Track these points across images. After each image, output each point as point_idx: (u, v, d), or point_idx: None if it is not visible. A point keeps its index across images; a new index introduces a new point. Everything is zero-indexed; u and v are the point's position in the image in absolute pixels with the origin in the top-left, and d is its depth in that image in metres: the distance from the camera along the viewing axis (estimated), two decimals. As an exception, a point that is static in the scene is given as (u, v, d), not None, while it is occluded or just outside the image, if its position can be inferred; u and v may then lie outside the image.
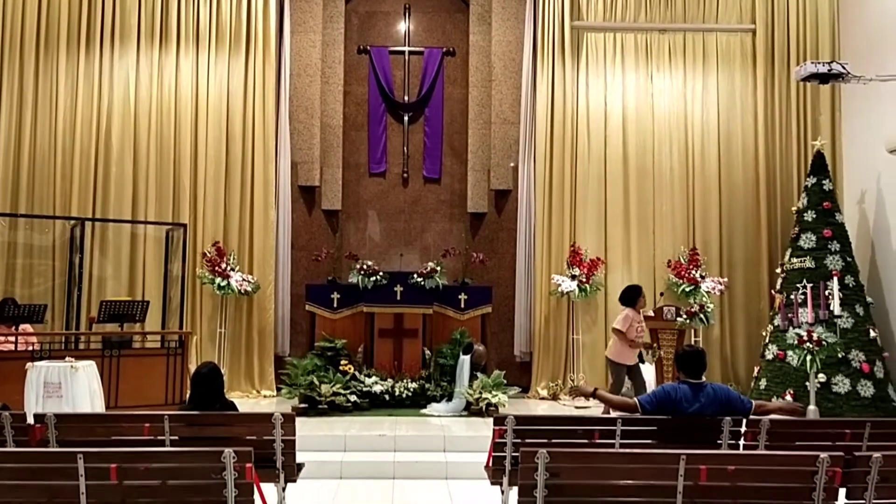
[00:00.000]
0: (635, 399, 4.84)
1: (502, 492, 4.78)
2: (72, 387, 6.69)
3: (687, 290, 9.49)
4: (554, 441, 4.57)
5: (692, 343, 8.77)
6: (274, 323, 9.93)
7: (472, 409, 8.31)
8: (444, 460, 6.81)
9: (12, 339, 8.00)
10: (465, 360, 8.52)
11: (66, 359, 7.06)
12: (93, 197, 9.76)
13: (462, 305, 9.37)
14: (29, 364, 6.96)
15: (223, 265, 9.46)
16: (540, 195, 10.06)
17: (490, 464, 4.91)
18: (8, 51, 9.76)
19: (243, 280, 9.52)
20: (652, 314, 8.73)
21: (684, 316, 8.72)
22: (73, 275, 9.27)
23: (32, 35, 9.77)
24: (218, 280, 9.38)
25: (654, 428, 4.81)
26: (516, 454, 4.59)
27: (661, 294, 9.60)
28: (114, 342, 8.29)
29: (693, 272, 9.61)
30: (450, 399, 8.54)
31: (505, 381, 8.59)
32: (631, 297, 8.25)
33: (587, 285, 9.51)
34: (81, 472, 3.52)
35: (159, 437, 4.64)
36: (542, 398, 9.67)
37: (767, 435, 4.69)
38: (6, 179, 9.67)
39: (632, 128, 10.21)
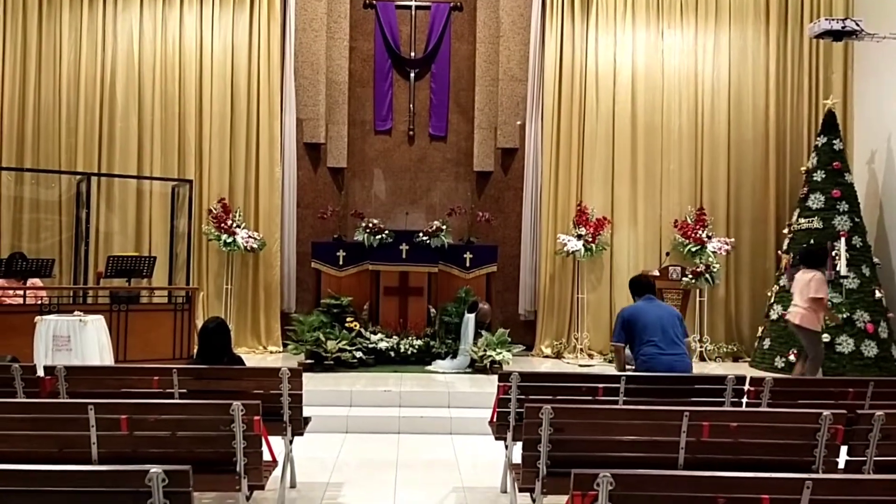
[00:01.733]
0: (611, 344, 5.86)
1: (506, 446, 4.85)
2: (81, 340, 6.75)
3: (693, 249, 9.48)
4: (558, 398, 4.60)
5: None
6: (280, 280, 9.98)
7: (476, 367, 8.38)
8: (448, 416, 6.90)
9: (21, 293, 8.06)
10: (469, 318, 8.56)
11: (75, 313, 7.12)
12: (98, 152, 9.75)
13: (467, 264, 9.37)
14: (38, 318, 7.01)
15: (229, 222, 9.46)
16: (547, 154, 9.99)
17: (494, 419, 4.96)
18: (10, 6, 9.64)
19: (249, 237, 9.53)
20: (657, 273, 8.73)
21: (690, 276, 8.73)
22: (79, 230, 9.30)
23: (34, -13, 9.66)
24: (224, 237, 9.39)
25: (658, 386, 4.87)
26: (520, 410, 4.67)
27: (667, 254, 9.60)
28: (121, 297, 8.35)
29: (699, 232, 9.58)
30: (454, 356, 8.61)
31: (509, 340, 8.65)
32: (820, 258, 7.49)
33: (593, 245, 9.50)
34: (92, 423, 3.57)
35: (168, 390, 4.69)
36: (546, 356, 9.74)
37: (770, 393, 4.73)
38: (11, 134, 9.65)
39: (641, 85, 10.09)
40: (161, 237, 9.79)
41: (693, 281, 8.69)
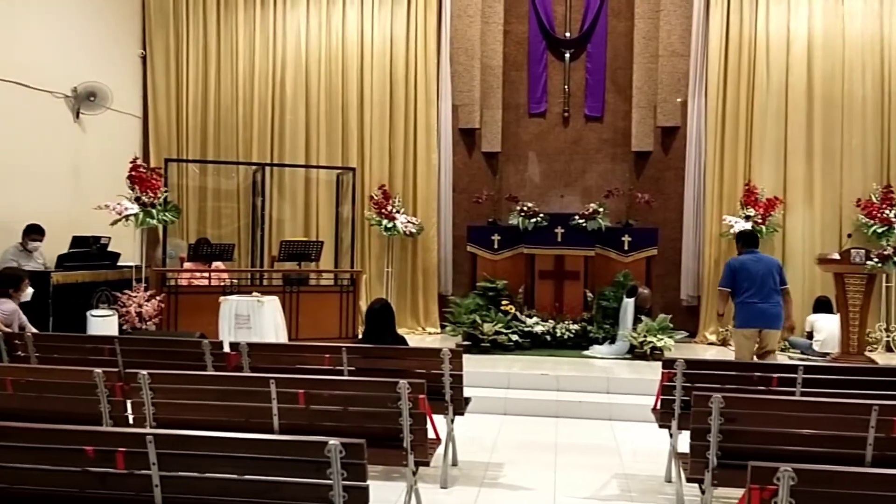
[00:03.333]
0: (718, 288, 6.78)
1: (671, 435, 4.70)
2: (259, 319, 7.28)
3: (879, 231, 8.68)
4: (727, 387, 4.39)
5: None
6: (437, 263, 10.21)
7: (635, 353, 8.17)
8: (607, 401, 6.80)
9: (206, 275, 8.80)
10: (628, 302, 8.34)
11: (253, 294, 7.68)
12: (270, 143, 10.40)
13: (626, 247, 9.13)
14: (222, 298, 7.63)
15: (389, 207, 9.78)
16: (711, 131, 9.50)
17: (658, 406, 4.83)
18: (192, 9, 10.47)
19: (408, 222, 9.81)
20: (837, 257, 8.07)
21: (875, 259, 7.99)
22: (255, 216, 9.98)
23: (213, -8, 10.43)
24: (384, 222, 9.71)
25: (838, 377, 4.53)
26: (686, 398, 4.52)
27: (849, 235, 8.85)
28: (293, 279, 8.91)
29: (886, 212, 8.75)
30: (612, 342, 8.44)
31: (671, 326, 8.35)
32: None
33: (763, 226, 8.92)
34: (273, 396, 3.83)
35: (338, 368, 4.94)
36: (711, 343, 9.31)
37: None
38: (195, 130, 10.50)
39: (818, 54, 9.32)
40: (327, 222, 10.32)
41: (879, 265, 7.93)
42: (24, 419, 3.68)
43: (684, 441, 4.01)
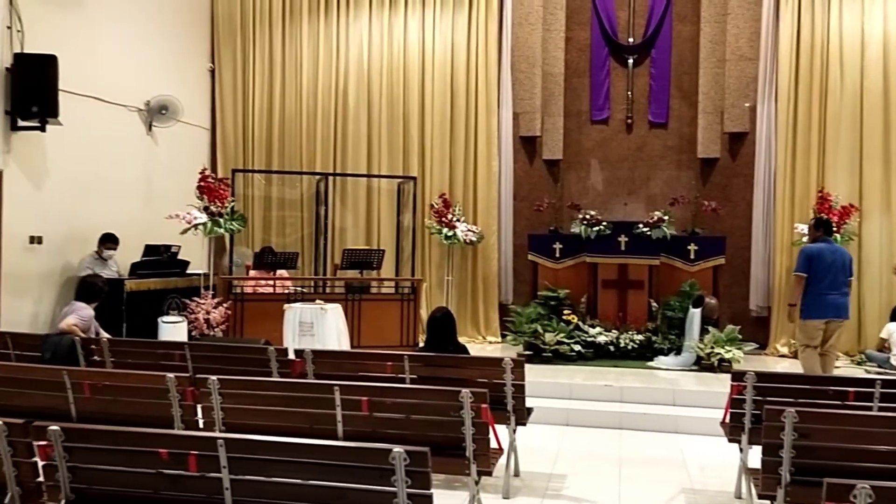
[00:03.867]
0: (794, 275, 6.73)
1: (741, 449, 4.57)
2: (322, 326, 7.39)
3: (961, 239, 8.27)
4: (800, 401, 4.24)
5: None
6: (497, 271, 10.17)
7: (702, 364, 7.96)
8: (673, 414, 6.65)
9: (271, 283, 8.98)
10: (695, 313, 8.15)
11: (316, 301, 7.80)
12: (333, 153, 10.55)
13: (692, 256, 8.93)
14: (286, 305, 7.78)
15: (449, 216, 9.79)
16: (782, 136, 9.21)
17: (727, 420, 4.70)
18: (259, 23, 10.74)
19: (468, 230, 9.80)
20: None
21: (958, 269, 7.63)
22: (318, 225, 10.14)
23: (279, 6, 10.66)
24: (445, 230, 9.73)
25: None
26: (757, 412, 4.39)
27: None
28: (355, 287, 9.02)
29: (970, 219, 8.33)
30: (678, 353, 8.25)
31: (739, 337, 8.11)
32: None
33: (837, 234, 8.59)
34: (337, 403, 3.88)
35: (400, 375, 4.97)
36: (782, 356, 9.00)
37: None
38: (261, 141, 10.75)
39: (895, 56, 8.95)
40: (388, 231, 10.40)
41: (962, 275, 7.58)
42: (101, 422, 3.82)
43: (755, 456, 3.89)
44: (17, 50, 7.34)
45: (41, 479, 2.94)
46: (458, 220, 9.81)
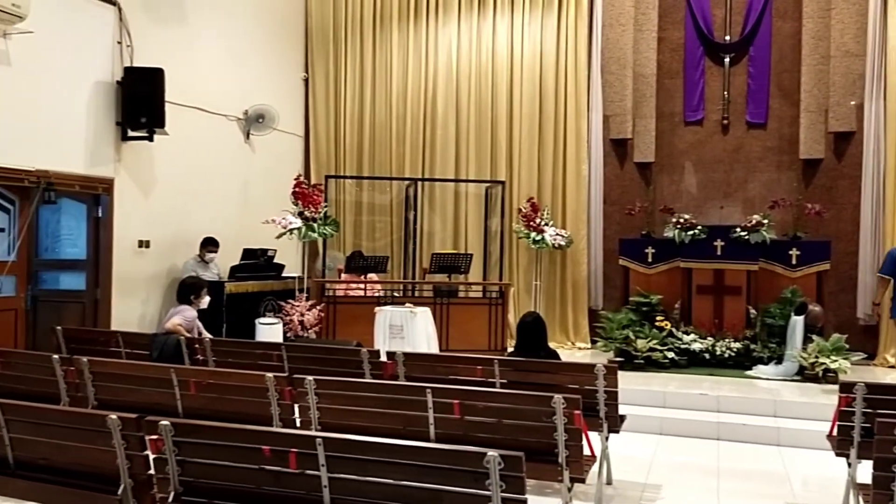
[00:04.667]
0: (878, 275, 7.46)
1: (849, 464, 4.33)
2: (412, 329, 7.48)
3: None
4: (916, 414, 3.99)
5: None
6: (587, 276, 10.04)
7: (805, 374, 7.60)
8: (774, 425, 6.37)
9: (361, 286, 9.15)
10: (797, 320, 7.78)
11: (406, 305, 7.89)
12: (422, 158, 10.68)
13: (793, 262, 8.55)
14: (377, 308, 7.91)
15: (537, 220, 9.72)
16: (892, 136, 8.71)
17: (834, 433, 4.46)
18: (350, 32, 10.99)
19: (557, 234, 9.70)
20: None
21: None
22: (407, 230, 10.27)
23: (370, 14, 10.88)
24: (533, 234, 9.65)
25: None
26: (867, 425, 4.18)
27: None
28: (443, 291, 9.08)
29: None
30: (779, 362, 7.90)
31: (846, 346, 7.69)
32: None
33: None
34: (430, 405, 3.91)
35: (490, 380, 4.97)
36: (892, 367, 8.50)
37: None
38: (352, 147, 10.99)
39: None
40: (476, 235, 10.43)
41: None
42: (205, 418, 3.98)
43: (864, 471, 3.69)
44: (126, 64, 7.77)
45: (152, 471, 3.09)
46: (546, 225, 9.72)
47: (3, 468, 3.40)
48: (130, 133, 7.81)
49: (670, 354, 8.18)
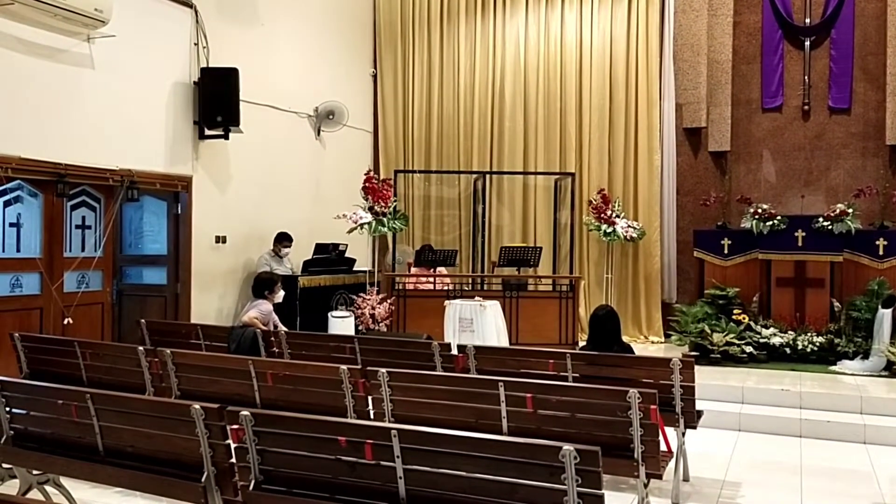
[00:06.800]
0: None
1: (944, 465, 4.11)
2: (482, 322, 7.47)
3: None
4: None
5: None
6: (660, 269, 9.84)
7: (893, 370, 7.26)
8: (861, 422, 6.12)
9: (431, 280, 9.19)
10: (885, 313, 7.44)
11: (476, 298, 7.89)
12: (490, 151, 10.65)
13: (880, 252, 8.17)
14: (446, 302, 7.93)
15: (608, 212, 9.56)
16: None
17: (928, 432, 4.24)
18: (417, 28, 11.03)
19: (628, 226, 9.53)
20: None
21: None
22: (476, 223, 10.26)
23: (437, 9, 10.89)
24: (604, 227, 9.51)
25: None
26: (966, 424, 3.95)
27: None
28: (512, 284, 9.03)
29: None
30: (865, 357, 7.58)
31: (938, 341, 7.32)
32: None
33: None
34: (502, 399, 3.89)
35: (562, 374, 4.91)
36: None
37: None
38: (420, 142, 11.04)
39: None
40: (545, 228, 10.34)
41: None
42: (281, 408, 4.08)
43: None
44: (202, 65, 8.00)
45: (233, 460, 3.17)
46: (617, 217, 9.56)
47: (94, 455, 3.55)
48: (207, 132, 8.04)
49: (748, 349, 7.95)
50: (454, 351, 5.37)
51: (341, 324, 8.01)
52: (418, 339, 6.24)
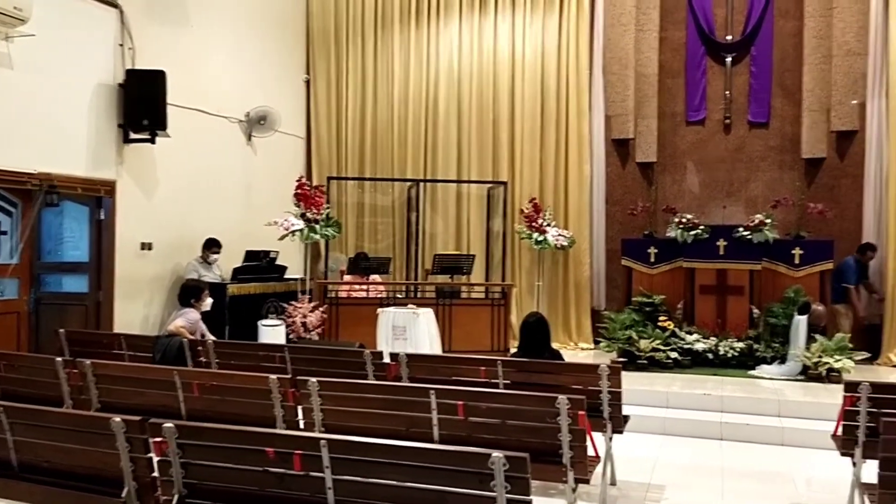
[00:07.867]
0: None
1: (854, 464, 4.32)
2: (415, 330, 7.47)
3: None
4: (921, 414, 3.98)
5: None
6: (589, 277, 10.03)
7: (809, 374, 7.59)
8: (778, 425, 6.37)
9: (364, 287, 9.14)
10: (800, 320, 7.78)
11: (409, 306, 7.88)
12: (424, 160, 10.66)
13: (796, 261, 8.55)
14: (379, 310, 7.90)
15: (540, 220, 9.70)
16: (894, 134, 8.70)
17: (839, 432, 4.45)
18: (351, 34, 10.98)
19: (559, 235, 9.69)
20: None
21: None
22: (410, 231, 10.27)
23: (371, 16, 10.88)
24: (535, 235, 9.62)
25: None
26: (872, 424, 4.17)
27: None
28: (445, 292, 9.06)
29: None
30: (783, 361, 7.90)
31: (850, 346, 7.69)
32: None
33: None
34: (433, 407, 3.90)
35: (493, 381, 4.95)
36: (895, 366, 8.49)
37: None
38: (354, 149, 10.99)
39: None
40: (478, 236, 10.43)
41: None
42: (208, 420, 3.98)
43: (869, 471, 3.68)
44: (128, 66, 7.77)
45: (156, 473, 3.08)
46: (548, 225, 9.71)
47: (7, 471, 3.39)
48: (132, 135, 7.80)
49: (673, 354, 8.18)
50: (386, 359, 5.35)
51: (272, 332, 7.88)
52: (350, 348, 6.20)
